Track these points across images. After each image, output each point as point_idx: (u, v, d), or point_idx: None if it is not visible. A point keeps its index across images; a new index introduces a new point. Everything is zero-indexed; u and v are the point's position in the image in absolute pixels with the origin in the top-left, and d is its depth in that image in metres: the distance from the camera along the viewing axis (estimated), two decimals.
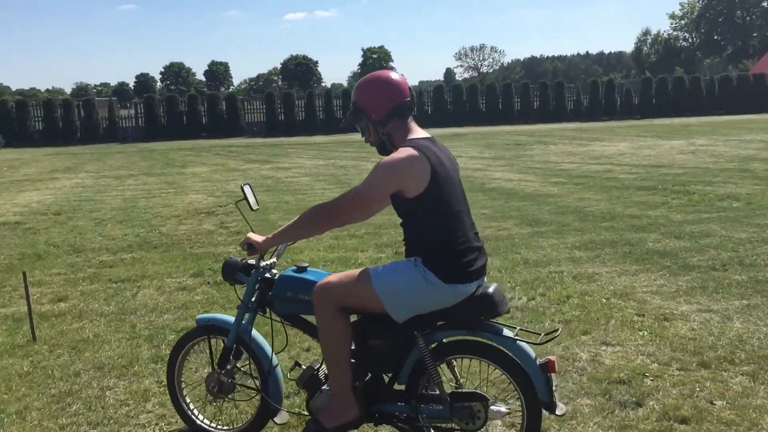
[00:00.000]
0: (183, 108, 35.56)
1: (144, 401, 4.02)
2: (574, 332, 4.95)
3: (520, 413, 3.07)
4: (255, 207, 3.46)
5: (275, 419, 3.47)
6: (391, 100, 3.07)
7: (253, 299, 3.41)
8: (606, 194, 11.36)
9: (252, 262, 3.41)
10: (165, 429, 3.74)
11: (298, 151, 24.25)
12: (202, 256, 7.84)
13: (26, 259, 7.91)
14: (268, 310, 3.42)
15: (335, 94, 38.02)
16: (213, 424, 3.70)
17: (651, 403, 3.79)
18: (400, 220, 3.14)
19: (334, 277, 3.12)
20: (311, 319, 3.28)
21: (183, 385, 3.71)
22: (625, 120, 37.72)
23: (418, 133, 3.11)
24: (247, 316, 3.43)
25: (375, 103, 3.08)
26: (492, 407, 3.08)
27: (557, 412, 2.97)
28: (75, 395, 4.14)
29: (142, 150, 27.36)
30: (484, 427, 3.11)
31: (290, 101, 36.03)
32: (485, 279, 3.14)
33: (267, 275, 3.39)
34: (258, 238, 3.16)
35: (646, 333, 4.88)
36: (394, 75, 3.16)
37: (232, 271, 3.44)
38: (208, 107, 35.66)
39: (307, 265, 3.36)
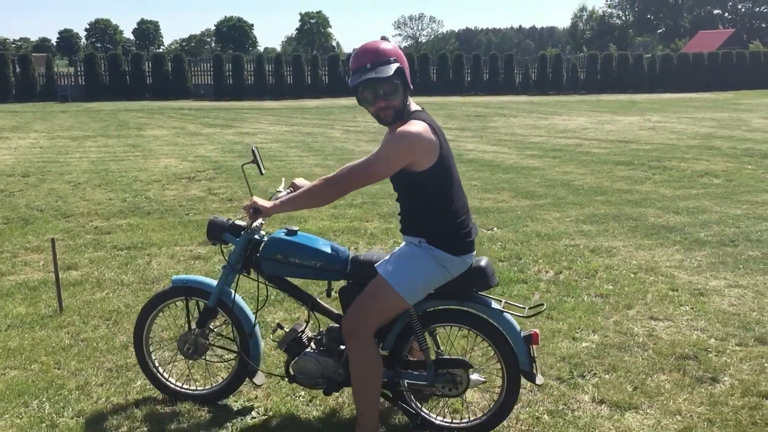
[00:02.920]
0: (126, 67, 34.19)
1: (212, 376, 3.84)
2: (618, 307, 5.00)
3: (500, 382, 3.23)
4: (263, 170, 3.47)
5: (254, 380, 3.52)
6: (406, 76, 3.01)
7: (239, 260, 3.38)
8: (587, 168, 11.52)
9: (240, 223, 3.39)
10: (245, 405, 3.59)
11: (255, 116, 23.69)
12: (201, 224, 7.55)
13: (13, 224, 7.47)
14: (252, 271, 3.42)
15: (285, 59, 37.29)
16: (183, 386, 3.68)
17: (726, 378, 3.85)
18: (393, 191, 3.14)
19: (356, 306, 3.08)
20: (295, 281, 3.40)
21: (151, 346, 3.69)
22: (571, 95, 38.33)
23: (414, 105, 3.08)
24: (230, 277, 3.43)
25: (407, 71, 3.01)
26: (471, 375, 3.22)
27: (537, 382, 3.13)
28: (134, 370, 3.92)
29: (87, 110, 26.20)
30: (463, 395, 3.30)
31: (239, 64, 35.10)
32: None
33: (256, 237, 3.37)
34: (265, 203, 3.11)
35: (689, 308, 4.96)
36: None
37: (218, 231, 3.40)
38: (154, 67, 34.41)
39: (297, 228, 3.36)
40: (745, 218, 7.71)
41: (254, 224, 3.32)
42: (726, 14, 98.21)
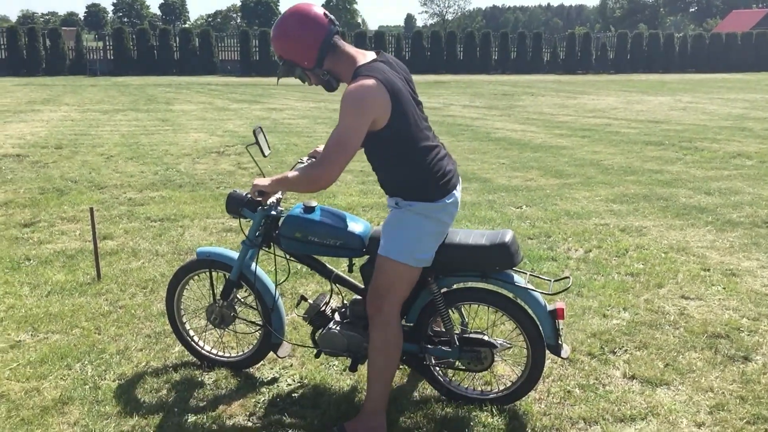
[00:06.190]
0: (154, 42, 34.38)
1: (243, 343, 3.92)
2: (649, 285, 4.99)
3: (524, 355, 3.27)
4: (267, 152, 3.38)
5: (278, 353, 3.53)
6: (316, 39, 2.81)
7: (258, 235, 3.37)
8: (617, 148, 11.42)
9: (258, 198, 3.33)
10: (281, 373, 3.66)
11: (282, 92, 23.73)
12: None
13: (49, 194, 7.61)
14: (272, 245, 3.41)
15: None
16: (215, 351, 3.77)
17: (758, 358, 3.85)
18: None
19: (372, 287, 3.04)
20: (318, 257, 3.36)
21: (183, 313, 3.78)
22: (600, 74, 37.89)
23: (362, 57, 2.89)
24: (250, 252, 3.43)
25: (300, 49, 2.83)
26: (497, 342, 3.24)
27: (563, 355, 3.13)
28: (172, 336, 4.00)
29: (115, 84, 26.47)
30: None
31: (266, 40, 35.08)
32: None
33: (273, 212, 3.34)
34: (265, 181, 3.04)
35: (720, 287, 4.94)
36: (303, 7, 2.85)
37: (237, 206, 3.38)
38: (181, 43, 34.56)
39: (315, 204, 3.30)
40: None
41: (271, 200, 3.31)
42: None
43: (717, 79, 33.09)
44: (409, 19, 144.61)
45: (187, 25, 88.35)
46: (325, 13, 2.87)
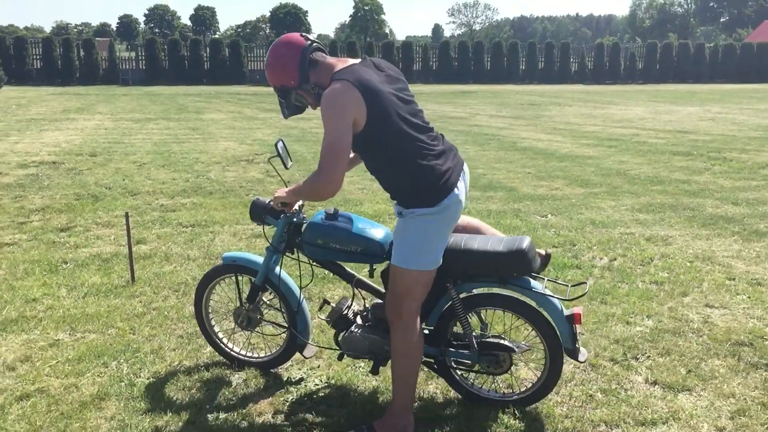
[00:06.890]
0: (185, 52, 34.97)
1: (275, 346, 4.03)
2: (673, 294, 5.01)
3: (543, 358, 3.34)
4: (288, 165, 3.43)
5: (304, 353, 3.63)
6: (292, 57, 2.98)
7: (281, 241, 3.45)
8: (644, 158, 11.40)
9: (282, 208, 3.40)
10: (308, 373, 3.77)
11: None
12: None
13: (84, 200, 7.83)
14: (295, 251, 3.48)
15: (340, 46, 37.56)
16: (243, 352, 3.89)
17: None
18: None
19: (389, 294, 3.13)
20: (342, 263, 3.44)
21: (211, 316, 3.91)
22: (629, 84, 37.68)
23: (341, 64, 3.01)
24: (274, 257, 3.51)
25: (284, 71, 3.01)
26: (516, 346, 3.30)
27: (580, 359, 3.21)
28: (203, 337, 4.13)
29: (147, 93, 26.95)
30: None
31: None
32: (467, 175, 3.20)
33: (295, 219, 3.42)
34: (282, 192, 3.18)
35: (745, 297, 4.95)
36: (281, 37, 3.09)
37: (260, 213, 3.47)
38: (211, 53, 35.09)
39: (335, 211, 3.36)
40: None
41: (294, 207, 3.38)
42: None
43: (748, 89, 32.72)
44: (437, 29, 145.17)
45: (217, 36, 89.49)
46: (302, 35, 3.06)
